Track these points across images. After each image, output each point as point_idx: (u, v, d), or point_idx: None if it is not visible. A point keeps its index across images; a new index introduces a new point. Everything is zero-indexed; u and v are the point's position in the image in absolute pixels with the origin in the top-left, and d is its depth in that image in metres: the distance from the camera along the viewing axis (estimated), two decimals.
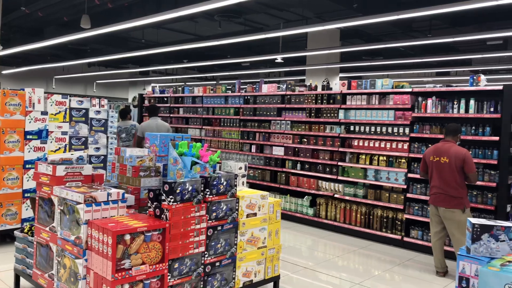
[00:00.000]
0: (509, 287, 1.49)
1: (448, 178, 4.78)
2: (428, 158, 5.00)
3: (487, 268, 1.59)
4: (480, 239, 2.39)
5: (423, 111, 5.84)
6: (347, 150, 6.65)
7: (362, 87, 6.52)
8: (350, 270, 5.25)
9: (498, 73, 15.39)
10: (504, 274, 1.52)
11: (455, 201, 4.77)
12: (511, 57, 13.20)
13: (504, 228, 2.36)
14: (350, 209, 6.58)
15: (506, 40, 12.28)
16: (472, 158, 4.73)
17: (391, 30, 11.69)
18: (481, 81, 5.46)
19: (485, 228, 2.39)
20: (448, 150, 4.82)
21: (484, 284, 1.55)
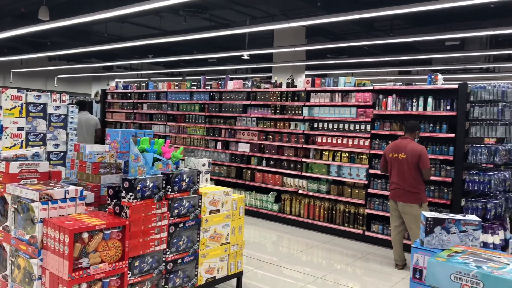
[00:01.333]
0: (454, 276, 1.56)
1: (406, 174, 4.93)
2: (388, 155, 5.15)
3: (435, 259, 1.65)
4: (433, 232, 2.48)
5: (384, 108, 6.00)
6: (311, 147, 6.74)
7: (326, 85, 6.62)
8: (314, 264, 5.34)
9: (456, 73, 15.99)
10: (449, 264, 1.59)
11: (413, 196, 4.93)
12: (468, 57, 13.75)
13: (455, 221, 2.46)
14: (313, 204, 6.69)
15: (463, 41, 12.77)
16: (427, 155, 4.90)
17: (354, 29, 11.92)
18: (438, 80, 5.66)
19: (437, 221, 2.49)
20: (406, 146, 4.97)
21: (431, 274, 1.62)
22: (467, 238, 2.44)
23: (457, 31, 8.97)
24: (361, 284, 4.81)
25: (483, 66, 14.80)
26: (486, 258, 1.70)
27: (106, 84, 23.17)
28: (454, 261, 1.63)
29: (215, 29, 10.36)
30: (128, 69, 21.53)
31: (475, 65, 14.61)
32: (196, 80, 8.82)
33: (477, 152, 5.29)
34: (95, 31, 13.76)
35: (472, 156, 5.30)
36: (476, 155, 5.29)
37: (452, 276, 1.56)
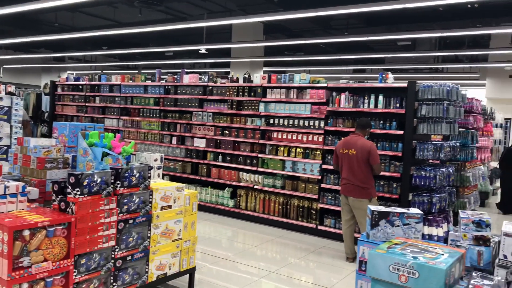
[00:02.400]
0: (393, 267, 1.62)
1: (356, 170, 5.06)
2: (339, 151, 5.25)
3: (375, 251, 1.71)
4: (378, 225, 2.57)
5: (337, 105, 6.13)
6: (267, 142, 6.78)
7: (282, 81, 6.68)
8: (268, 259, 5.39)
9: (408, 72, 16.62)
10: (388, 256, 1.65)
11: (362, 191, 5.06)
12: (418, 57, 14.32)
13: (399, 214, 2.56)
14: (269, 199, 6.74)
15: (414, 41, 13.29)
16: (377, 151, 5.05)
17: (311, 27, 12.10)
18: (389, 79, 5.84)
19: (382, 215, 2.57)
20: (356, 143, 5.09)
21: (372, 266, 1.67)
22: (410, 231, 2.54)
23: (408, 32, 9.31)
24: (314, 277, 4.90)
25: (432, 66, 15.46)
26: (423, 249, 1.78)
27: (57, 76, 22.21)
28: (393, 253, 1.69)
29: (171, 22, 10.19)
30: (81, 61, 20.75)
31: (425, 65, 15.24)
32: (151, 73, 8.63)
33: (424, 148, 5.52)
34: (45, 20, 13.15)
35: (420, 152, 5.53)
36: (423, 151, 5.52)
37: (391, 267, 1.62)
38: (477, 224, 2.56)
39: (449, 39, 13.36)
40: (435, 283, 1.52)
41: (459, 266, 1.72)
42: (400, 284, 1.63)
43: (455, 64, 14.50)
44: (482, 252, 2.50)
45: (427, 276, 1.55)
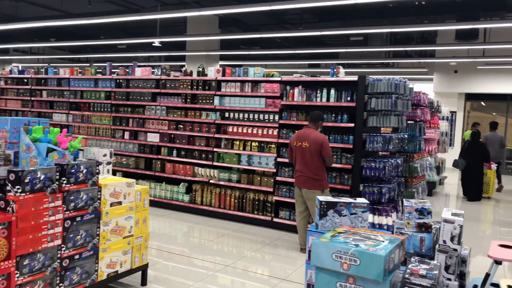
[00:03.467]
0: (336, 255, 1.66)
1: (309, 162, 5.14)
2: (292, 144, 5.32)
3: (319, 240, 1.75)
4: (326, 215, 2.62)
5: (291, 99, 6.19)
6: (222, 136, 6.76)
7: (236, 75, 6.66)
8: (224, 253, 5.38)
9: (361, 67, 17.07)
10: (331, 244, 1.69)
11: (315, 183, 5.16)
12: (370, 52, 14.74)
13: (346, 204, 2.62)
14: (224, 193, 6.73)
15: (367, 37, 13.66)
16: (329, 143, 5.16)
17: (266, 21, 12.13)
18: (340, 73, 5.97)
19: (330, 205, 2.63)
20: (309, 135, 5.17)
21: (315, 255, 1.71)
22: (356, 220, 2.61)
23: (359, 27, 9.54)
24: (269, 270, 4.95)
25: (383, 61, 15.96)
26: (365, 237, 1.84)
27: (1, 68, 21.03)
28: (336, 241, 1.73)
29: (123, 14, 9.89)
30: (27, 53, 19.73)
31: (376, 60, 15.71)
32: (102, 66, 8.34)
33: (373, 140, 5.69)
34: None
35: (370, 144, 5.70)
36: (373, 143, 5.69)
37: (333, 255, 1.66)
38: (419, 212, 2.67)
39: (399, 35, 13.84)
40: (375, 269, 1.58)
41: (398, 252, 1.78)
42: (343, 272, 1.67)
43: (405, 59, 15.03)
44: (424, 238, 2.62)
45: (367, 262, 1.60)
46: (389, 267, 1.63)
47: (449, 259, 2.56)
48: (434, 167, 9.88)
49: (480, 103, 16.82)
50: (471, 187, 9.51)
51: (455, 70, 14.72)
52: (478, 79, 14.44)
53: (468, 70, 14.40)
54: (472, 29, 10.76)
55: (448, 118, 11.86)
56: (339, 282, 1.68)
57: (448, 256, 2.56)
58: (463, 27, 10.48)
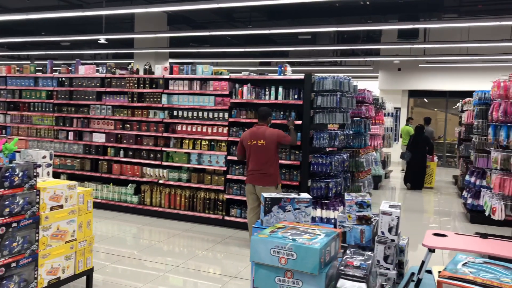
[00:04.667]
0: (274, 250, 1.69)
1: (264, 159, 5.16)
2: (246, 142, 5.28)
3: (258, 236, 1.77)
4: (271, 211, 2.65)
5: (240, 97, 6.21)
6: (171, 135, 6.66)
7: (184, 73, 6.58)
8: (175, 253, 5.32)
9: (310, 65, 17.40)
10: (270, 240, 1.72)
11: (270, 179, 5.20)
12: (319, 51, 15.06)
13: (290, 200, 2.66)
14: (174, 193, 6.64)
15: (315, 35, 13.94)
16: (283, 133, 5.21)
17: (215, 19, 12.08)
18: (287, 71, 6.06)
19: (274, 201, 2.66)
20: (264, 133, 5.19)
21: (254, 251, 1.73)
22: (300, 215, 2.66)
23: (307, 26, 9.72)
24: (221, 268, 4.95)
25: (331, 59, 16.36)
26: (303, 231, 1.88)
27: None
28: (275, 237, 1.76)
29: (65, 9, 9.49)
30: None
31: (325, 59, 16.08)
32: (42, 64, 7.96)
33: (320, 137, 5.83)
34: None
35: (317, 140, 5.83)
36: (319, 140, 5.83)
37: (271, 251, 1.69)
38: (359, 205, 2.76)
39: (346, 34, 14.25)
40: (311, 262, 1.62)
41: (335, 244, 1.84)
42: (281, 266, 1.70)
43: (352, 58, 15.50)
44: (364, 231, 2.72)
45: (304, 256, 1.64)
46: (325, 259, 1.68)
47: (388, 250, 2.68)
48: (379, 162, 10.29)
49: (423, 100, 17.69)
50: (414, 177, 10.16)
51: (399, 68, 15.38)
52: (420, 76, 15.17)
53: (410, 68, 15.08)
54: (413, 29, 11.28)
55: (392, 114, 12.37)
56: (278, 276, 1.71)
57: (387, 246, 2.68)
58: (405, 27, 10.95)
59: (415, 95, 16.54)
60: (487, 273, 1.52)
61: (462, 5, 11.47)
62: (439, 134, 14.69)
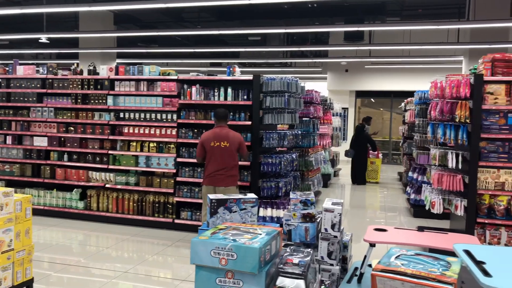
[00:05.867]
0: (214, 252, 1.69)
1: (228, 160, 5.13)
2: (209, 144, 5.18)
3: (198, 238, 1.76)
4: (217, 213, 2.64)
5: (189, 98, 6.15)
6: (118, 138, 6.48)
7: (130, 73, 6.43)
8: (124, 258, 5.19)
9: (261, 66, 17.53)
10: (210, 241, 1.72)
11: (232, 180, 5.19)
12: (269, 52, 15.23)
13: (236, 200, 2.67)
14: (122, 198, 6.47)
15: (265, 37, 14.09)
16: (245, 142, 5.27)
17: (164, 19, 11.89)
18: (236, 72, 6.07)
19: (220, 202, 2.65)
20: (227, 135, 5.16)
21: (195, 253, 1.72)
22: (246, 215, 2.67)
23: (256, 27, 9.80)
24: (172, 271, 4.88)
25: (282, 61, 16.59)
26: (245, 231, 1.89)
27: None
28: (215, 238, 1.76)
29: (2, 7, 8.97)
30: None
31: (275, 60, 16.28)
32: None
33: (270, 137, 5.89)
34: None
35: (266, 141, 5.88)
36: (269, 140, 5.89)
37: (212, 252, 1.68)
38: (304, 203, 2.82)
39: (295, 35, 14.50)
40: (251, 262, 1.63)
41: (275, 243, 1.87)
42: (221, 267, 1.70)
43: (301, 59, 15.79)
44: (308, 228, 2.78)
45: (243, 256, 1.65)
46: (265, 258, 1.70)
47: (331, 246, 2.74)
48: (328, 160, 10.55)
49: (370, 100, 18.35)
50: (357, 173, 10.83)
51: (346, 69, 15.86)
52: (366, 77, 15.73)
53: (357, 69, 15.60)
54: (358, 31, 11.67)
55: (340, 114, 12.73)
56: (219, 278, 1.71)
57: (330, 243, 2.74)
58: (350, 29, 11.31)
59: (362, 96, 17.13)
60: (418, 264, 1.60)
61: (404, 9, 12.02)
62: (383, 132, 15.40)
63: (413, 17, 12.55)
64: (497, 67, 4.98)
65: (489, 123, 4.95)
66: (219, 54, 15.31)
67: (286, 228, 2.89)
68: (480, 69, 5.17)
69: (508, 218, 4.92)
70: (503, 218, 4.94)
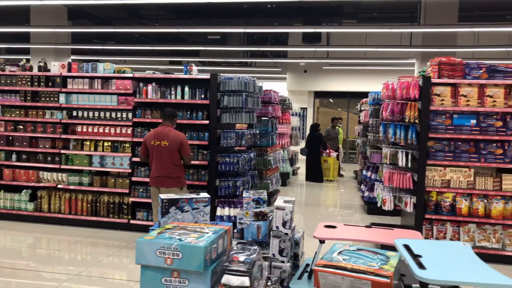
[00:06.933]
0: (159, 251, 1.68)
1: (167, 160, 5.06)
2: (149, 143, 5.14)
3: (143, 238, 1.75)
4: (168, 213, 2.63)
5: (145, 96, 6.05)
6: (71, 137, 6.28)
7: (84, 70, 6.25)
8: (77, 261, 5.04)
9: (221, 66, 17.49)
10: (155, 241, 1.71)
11: (174, 181, 5.11)
12: (229, 51, 15.22)
13: (188, 200, 2.67)
14: (76, 198, 6.27)
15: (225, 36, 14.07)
16: (188, 142, 5.17)
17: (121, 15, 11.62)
18: (193, 70, 6.04)
19: (172, 202, 2.64)
20: (168, 134, 5.09)
21: (140, 253, 1.71)
22: (199, 214, 2.67)
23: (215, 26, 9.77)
24: (127, 273, 4.79)
25: (242, 60, 16.63)
26: (192, 231, 1.90)
27: None
28: (161, 238, 1.76)
29: None
30: None
31: (235, 59, 16.29)
32: None
33: (227, 136, 5.90)
34: None
35: (224, 140, 5.88)
36: (227, 139, 5.89)
37: (157, 252, 1.68)
38: (256, 202, 2.86)
39: (255, 35, 14.57)
40: (196, 260, 1.64)
41: (222, 241, 1.88)
42: (167, 267, 1.70)
43: (261, 59, 15.90)
44: (260, 226, 2.82)
45: (189, 255, 1.65)
46: (211, 257, 1.71)
47: (283, 243, 2.80)
48: (287, 159, 10.70)
49: (328, 100, 18.74)
50: (312, 171, 11.20)
51: (305, 70, 16.13)
52: (324, 78, 16.05)
53: (315, 70, 15.89)
54: (316, 33, 11.89)
55: (300, 114, 12.93)
56: (164, 277, 1.71)
57: (282, 240, 2.80)
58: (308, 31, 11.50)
59: (320, 96, 17.47)
60: (358, 259, 1.66)
61: (360, 12, 12.36)
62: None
63: (369, 20, 12.92)
64: (443, 70, 5.23)
65: (436, 123, 5.19)
66: (179, 52, 15.13)
67: (239, 226, 2.92)
68: (428, 72, 5.41)
69: (453, 213, 5.19)
70: (448, 214, 5.20)
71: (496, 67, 5.15)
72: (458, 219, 5.16)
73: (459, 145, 5.19)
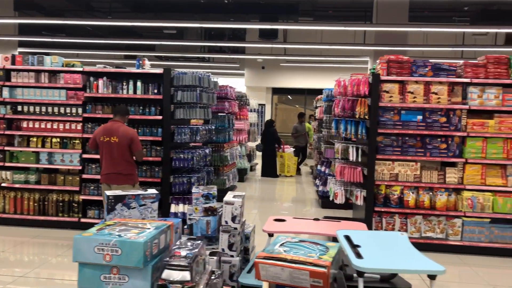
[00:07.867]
0: (98, 248, 1.65)
1: (118, 157, 4.93)
2: (99, 139, 5.00)
3: (81, 235, 1.71)
4: (114, 209, 2.57)
5: (95, 91, 5.87)
6: (16, 133, 5.99)
7: (29, 63, 5.97)
8: (23, 262, 4.84)
9: (178, 60, 17.24)
10: (94, 238, 1.67)
11: (125, 178, 4.99)
12: (187, 46, 15.03)
13: (135, 196, 2.62)
14: (21, 197, 6.00)
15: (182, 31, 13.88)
16: (138, 138, 5.05)
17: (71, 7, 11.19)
18: (145, 65, 5.92)
19: (118, 199, 2.59)
20: (118, 130, 4.96)
21: (77, 251, 1.67)
22: (146, 211, 2.63)
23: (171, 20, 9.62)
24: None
25: (199, 55, 16.48)
26: (133, 226, 1.87)
27: None
28: (100, 234, 1.72)
29: None
30: None
31: (193, 54, 16.12)
32: None
33: (181, 132, 5.83)
34: None
35: (178, 136, 5.82)
36: (181, 135, 5.83)
37: (95, 249, 1.64)
38: (206, 197, 2.85)
39: (212, 30, 14.47)
40: (136, 256, 1.62)
41: (165, 237, 1.87)
42: (105, 264, 1.67)
43: (219, 55, 15.82)
44: (209, 221, 2.81)
45: (128, 251, 1.63)
46: (152, 252, 1.70)
47: (232, 238, 2.81)
48: (245, 155, 10.73)
49: (287, 96, 18.95)
50: (267, 166, 11.28)
51: (263, 66, 16.21)
52: (282, 75, 16.20)
53: (273, 67, 16.01)
54: (273, 29, 11.98)
55: (258, 110, 13.00)
56: (103, 274, 1.67)
57: (231, 235, 2.81)
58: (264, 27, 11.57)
59: (278, 92, 17.63)
60: (299, 250, 1.70)
61: (316, 10, 12.56)
62: None
63: (325, 18, 13.15)
64: (392, 67, 5.42)
65: (385, 119, 5.37)
66: (134, 46, 14.76)
67: (188, 222, 2.91)
68: (378, 69, 5.59)
69: (401, 206, 5.40)
70: (396, 206, 5.40)
71: (441, 65, 5.40)
72: (405, 211, 5.38)
73: (407, 140, 5.40)
